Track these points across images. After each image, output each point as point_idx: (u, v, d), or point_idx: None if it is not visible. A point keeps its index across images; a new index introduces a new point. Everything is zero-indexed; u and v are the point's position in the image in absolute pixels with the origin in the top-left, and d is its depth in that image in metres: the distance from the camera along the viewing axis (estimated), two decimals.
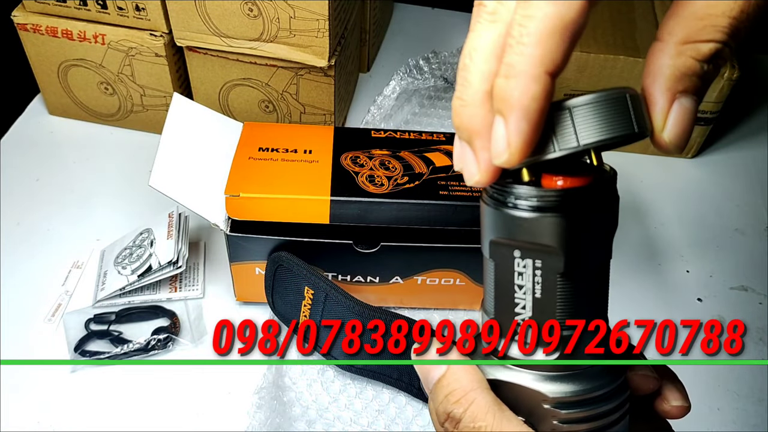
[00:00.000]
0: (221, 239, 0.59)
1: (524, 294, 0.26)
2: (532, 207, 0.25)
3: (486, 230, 0.27)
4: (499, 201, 0.26)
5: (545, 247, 0.25)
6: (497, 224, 0.26)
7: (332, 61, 0.66)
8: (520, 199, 0.25)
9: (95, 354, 0.56)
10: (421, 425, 0.55)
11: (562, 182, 0.25)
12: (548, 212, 0.25)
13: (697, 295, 0.66)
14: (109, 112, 0.76)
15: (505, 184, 0.25)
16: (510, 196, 0.25)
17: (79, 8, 0.67)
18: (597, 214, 0.26)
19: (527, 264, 0.26)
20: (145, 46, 0.68)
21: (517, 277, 0.26)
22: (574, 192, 0.25)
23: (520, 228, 0.25)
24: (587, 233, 0.25)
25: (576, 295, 0.26)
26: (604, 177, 0.26)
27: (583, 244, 0.25)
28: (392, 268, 0.58)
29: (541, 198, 0.25)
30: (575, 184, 0.25)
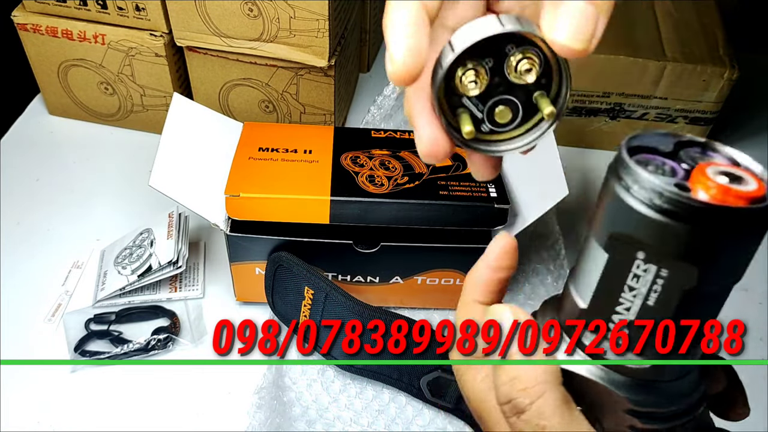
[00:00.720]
0: (221, 239, 0.59)
1: (634, 297, 0.24)
2: (681, 216, 0.22)
3: (606, 217, 0.24)
4: (639, 197, 0.22)
5: (681, 259, 0.22)
6: (626, 218, 0.23)
7: (332, 61, 0.66)
8: (667, 203, 0.22)
9: (95, 354, 0.56)
10: (421, 425, 0.55)
11: (723, 194, 0.22)
12: (700, 226, 0.22)
13: None
14: (109, 112, 0.76)
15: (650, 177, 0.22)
16: (654, 195, 0.22)
17: (79, 8, 0.67)
18: (752, 237, 0.23)
19: (649, 269, 0.23)
20: (145, 46, 0.68)
21: (632, 279, 0.24)
22: (736, 212, 0.21)
23: (656, 233, 0.22)
24: (733, 256, 0.23)
25: (692, 311, 0.24)
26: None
27: (724, 266, 0.23)
28: (392, 268, 0.58)
29: (697, 211, 0.21)
30: (739, 202, 0.22)
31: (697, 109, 0.74)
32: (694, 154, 0.24)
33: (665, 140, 0.24)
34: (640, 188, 0.22)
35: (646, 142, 0.24)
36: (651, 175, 0.22)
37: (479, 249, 0.56)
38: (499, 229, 0.55)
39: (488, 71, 0.28)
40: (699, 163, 0.23)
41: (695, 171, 0.23)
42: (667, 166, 0.24)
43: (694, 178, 0.22)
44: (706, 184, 0.22)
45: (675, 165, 0.24)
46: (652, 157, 0.24)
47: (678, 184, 0.22)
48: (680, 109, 0.74)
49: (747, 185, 0.22)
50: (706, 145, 0.24)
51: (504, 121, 0.29)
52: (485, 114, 0.29)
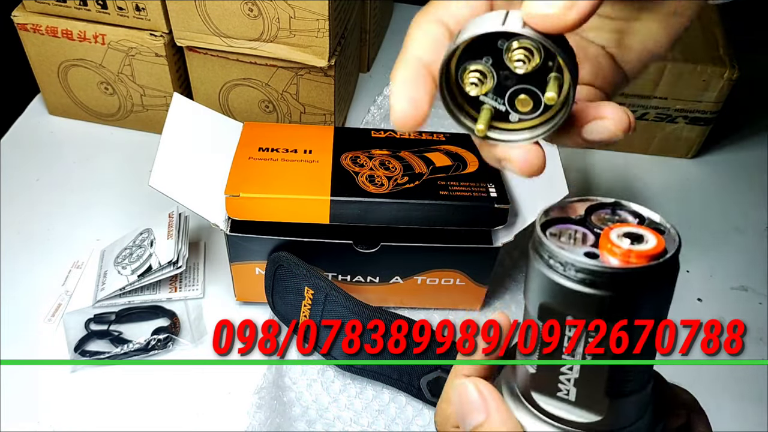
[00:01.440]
0: (221, 239, 0.59)
1: (572, 357, 0.25)
2: (593, 283, 0.23)
3: (535, 291, 0.25)
4: (555, 269, 0.24)
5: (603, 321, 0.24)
6: (550, 290, 0.25)
7: (332, 61, 0.66)
8: (579, 272, 0.23)
9: (95, 354, 0.56)
10: (421, 425, 0.55)
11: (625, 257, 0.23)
12: (610, 291, 0.23)
13: (697, 295, 0.66)
14: (109, 112, 0.76)
15: (561, 251, 0.24)
16: (570, 268, 0.24)
17: (79, 8, 0.67)
18: (660, 289, 0.24)
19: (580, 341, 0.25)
20: (145, 46, 0.68)
21: (567, 341, 0.25)
22: (640, 272, 0.23)
23: (577, 301, 0.24)
24: (649, 308, 0.24)
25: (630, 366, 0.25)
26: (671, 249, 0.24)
27: (644, 316, 0.24)
28: (392, 268, 0.58)
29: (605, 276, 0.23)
30: (640, 261, 0.23)
31: (697, 109, 0.74)
32: (604, 215, 0.26)
33: (577, 207, 0.26)
34: (555, 261, 0.24)
35: (560, 213, 0.26)
36: (562, 249, 0.24)
37: (479, 249, 0.56)
38: (499, 229, 0.55)
39: (491, 68, 0.28)
40: (604, 228, 0.25)
41: (602, 237, 0.24)
42: (579, 234, 0.25)
43: (602, 244, 0.24)
44: (611, 250, 0.24)
45: (586, 231, 0.25)
46: (566, 226, 0.26)
47: (587, 253, 0.24)
48: (680, 109, 0.74)
49: (647, 244, 0.24)
50: (615, 205, 0.26)
51: (526, 109, 0.29)
52: (508, 105, 0.29)
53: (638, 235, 0.24)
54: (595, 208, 0.26)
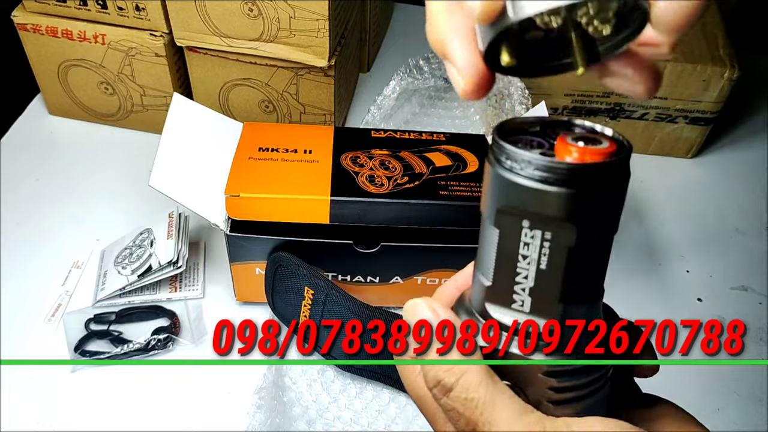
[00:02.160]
0: (221, 239, 0.59)
1: (528, 264, 0.26)
2: (550, 180, 0.24)
3: (491, 196, 0.26)
4: (512, 169, 0.25)
5: (558, 221, 0.25)
6: (507, 192, 0.25)
7: (332, 61, 0.66)
8: (537, 170, 0.24)
9: (95, 354, 0.56)
10: (421, 425, 0.55)
11: (581, 154, 0.24)
12: (567, 187, 0.24)
13: (697, 295, 0.66)
14: (109, 112, 0.76)
15: (519, 151, 0.25)
16: (526, 166, 0.24)
17: (79, 8, 0.67)
18: (614, 190, 0.25)
19: (535, 235, 0.25)
20: (145, 46, 0.68)
21: (523, 248, 0.26)
22: (594, 167, 0.24)
23: (533, 200, 0.25)
24: (602, 209, 0.25)
25: (581, 268, 0.26)
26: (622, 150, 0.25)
27: (597, 219, 0.25)
28: (392, 268, 0.58)
29: (561, 171, 0.24)
30: (595, 158, 0.24)
31: (697, 109, 0.74)
32: (559, 130, 0.27)
33: (532, 123, 0.28)
34: (513, 162, 0.25)
35: (515, 125, 0.27)
36: (520, 150, 0.25)
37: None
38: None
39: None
40: (560, 135, 0.26)
41: (558, 141, 0.25)
42: (534, 142, 0.27)
43: (558, 148, 0.25)
44: (568, 149, 0.25)
45: (542, 140, 0.27)
46: (522, 136, 0.27)
47: (544, 153, 0.25)
48: (680, 109, 0.74)
49: (601, 144, 0.25)
50: (568, 122, 0.28)
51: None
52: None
53: (592, 138, 0.25)
54: (550, 124, 0.28)
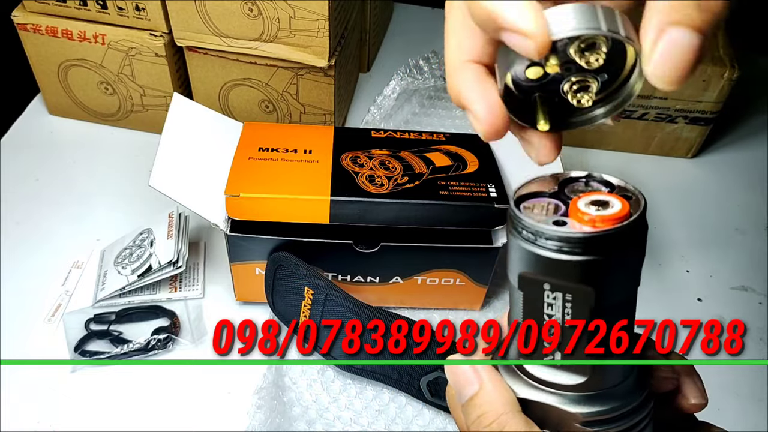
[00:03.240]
0: (221, 239, 0.59)
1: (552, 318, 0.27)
2: (564, 249, 0.25)
3: (514, 263, 0.27)
4: (528, 239, 0.26)
5: (577, 285, 0.25)
6: (526, 260, 0.26)
7: (332, 61, 0.66)
8: (550, 240, 0.25)
9: (95, 354, 0.56)
10: (421, 425, 0.55)
11: (593, 223, 0.25)
12: (580, 255, 0.24)
13: (697, 295, 0.66)
14: (109, 112, 0.76)
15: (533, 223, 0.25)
16: (540, 237, 0.25)
17: (79, 8, 0.67)
18: (630, 249, 0.25)
19: (557, 296, 0.26)
20: (145, 46, 0.68)
21: (547, 308, 0.26)
22: (605, 235, 0.24)
23: (550, 268, 0.25)
24: (619, 270, 0.25)
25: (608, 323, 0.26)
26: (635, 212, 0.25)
27: (615, 280, 0.25)
28: (392, 268, 0.58)
29: (572, 241, 0.24)
30: (607, 224, 0.25)
31: (697, 109, 0.74)
32: (578, 187, 0.28)
33: (549, 181, 0.28)
34: (527, 232, 0.25)
35: (533, 188, 0.28)
36: (532, 220, 0.25)
37: (479, 249, 0.56)
38: (499, 229, 0.55)
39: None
40: (573, 198, 0.26)
41: (570, 206, 0.26)
42: (551, 205, 0.27)
43: (571, 213, 0.26)
44: (579, 217, 0.25)
45: (558, 202, 0.27)
46: (539, 200, 0.27)
47: (558, 222, 0.25)
48: (680, 109, 0.74)
49: (612, 208, 0.25)
50: (588, 177, 0.28)
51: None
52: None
53: (604, 201, 0.25)
54: (568, 181, 0.28)
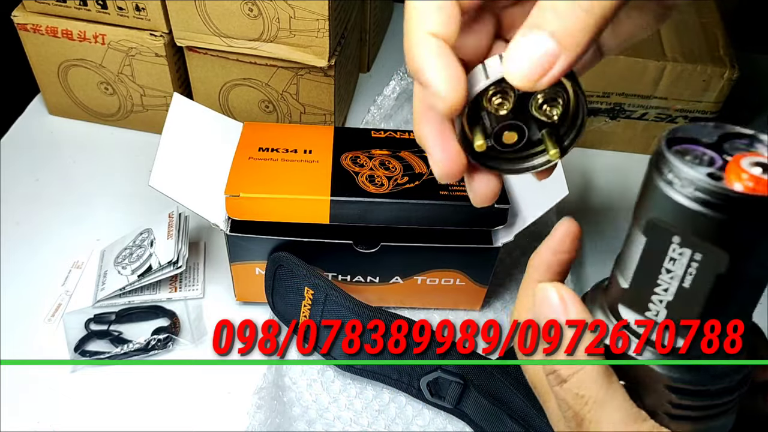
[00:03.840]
0: (221, 239, 0.59)
1: (671, 279, 0.25)
2: (709, 203, 0.22)
3: (645, 204, 0.25)
4: (670, 182, 0.23)
5: (711, 245, 0.23)
6: (662, 205, 0.24)
7: (332, 61, 0.66)
8: (697, 191, 0.23)
9: (95, 354, 0.56)
10: (421, 425, 0.55)
11: (755, 184, 0.22)
12: (727, 214, 0.22)
13: None
14: (109, 112, 0.76)
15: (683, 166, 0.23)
16: (687, 183, 0.23)
17: (79, 8, 0.67)
18: None
19: (684, 253, 0.24)
20: (145, 46, 0.68)
21: (668, 262, 0.24)
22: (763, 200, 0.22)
23: (688, 219, 0.23)
24: (763, 242, 0.23)
25: (728, 296, 0.25)
26: None
27: (756, 251, 0.23)
28: (392, 268, 0.58)
29: (724, 198, 0.22)
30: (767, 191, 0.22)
31: (697, 109, 0.74)
32: (740, 145, 0.25)
33: (710, 131, 0.25)
34: (674, 177, 0.23)
35: (689, 134, 0.25)
36: (685, 165, 0.23)
37: (479, 249, 0.56)
38: (499, 229, 0.55)
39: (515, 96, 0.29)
40: (735, 155, 0.24)
41: (731, 162, 0.23)
42: (706, 157, 0.24)
43: (729, 169, 0.23)
44: (739, 175, 0.23)
45: (715, 155, 0.24)
46: (693, 147, 0.25)
47: (711, 174, 0.23)
48: (680, 109, 0.74)
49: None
50: (753, 137, 0.25)
51: (509, 142, 0.31)
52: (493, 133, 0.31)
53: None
54: (729, 136, 0.25)
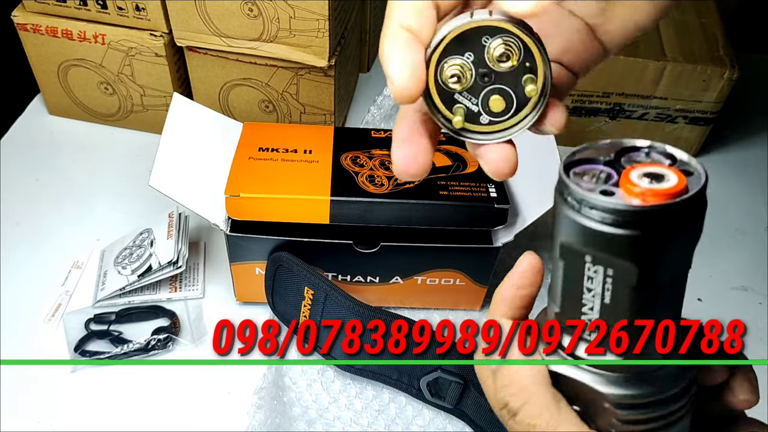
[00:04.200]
0: (221, 239, 0.59)
1: (593, 297, 0.25)
2: (609, 221, 0.23)
3: (557, 230, 0.25)
4: (573, 207, 0.24)
5: (619, 260, 0.24)
6: (569, 229, 0.24)
7: (332, 61, 0.66)
8: (596, 210, 0.23)
9: (95, 354, 0.56)
10: (421, 425, 0.55)
11: (644, 195, 0.23)
12: (624, 229, 0.23)
13: (697, 295, 0.66)
14: (109, 112, 0.76)
15: (578, 189, 0.24)
16: (585, 205, 0.23)
17: (79, 8, 0.67)
18: (681, 228, 0.23)
19: (598, 270, 0.24)
20: (145, 46, 0.68)
21: (587, 281, 0.25)
22: (654, 210, 0.22)
23: (594, 238, 0.24)
24: (667, 249, 0.24)
25: (647, 306, 0.25)
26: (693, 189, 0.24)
27: (661, 260, 0.24)
28: (392, 268, 0.58)
29: (617, 213, 0.23)
30: (659, 199, 0.23)
31: (697, 109, 0.74)
32: (636, 157, 0.26)
33: (607, 148, 0.26)
34: (572, 199, 0.24)
35: (586, 154, 0.26)
36: (578, 186, 0.24)
37: (479, 249, 0.56)
38: (499, 229, 0.55)
39: (471, 64, 0.28)
40: (626, 168, 0.24)
41: (623, 176, 0.24)
42: (603, 174, 0.25)
43: (621, 183, 0.24)
44: (629, 188, 0.23)
45: (612, 171, 0.25)
46: (591, 167, 0.25)
47: (604, 191, 0.24)
48: (680, 109, 0.74)
49: (667, 182, 0.23)
50: (650, 147, 0.26)
51: (499, 110, 0.30)
52: (481, 107, 0.30)
53: (659, 174, 0.23)
54: (627, 150, 0.26)
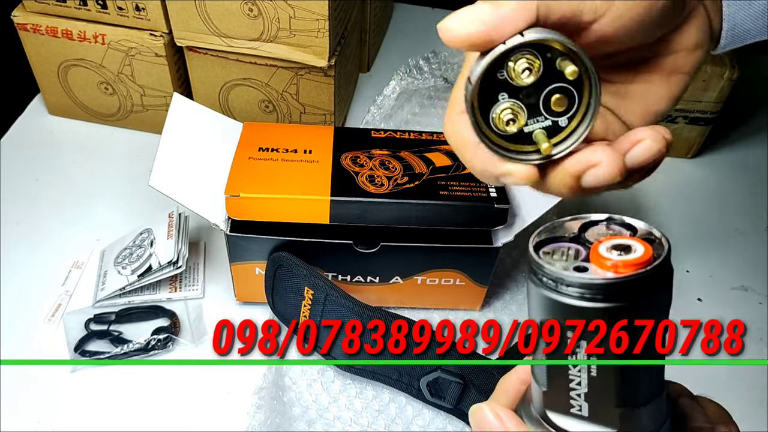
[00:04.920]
0: (221, 239, 0.59)
1: (579, 372, 0.26)
2: (585, 296, 0.24)
3: (534, 310, 0.26)
4: (549, 286, 0.25)
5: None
6: (545, 307, 0.25)
7: (332, 61, 0.66)
8: (573, 287, 0.24)
9: (95, 354, 0.56)
10: (421, 425, 0.55)
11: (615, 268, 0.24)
12: (602, 302, 0.24)
13: (697, 295, 0.66)
14: (109, 112, 0.76)
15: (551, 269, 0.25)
16: (561, 283, 0.24)
17: (79, 8, 0.68)
18: (654, 295, 0.25)
19: (581, 344, 0.25)
20: (145, 46, 0.68)
21: (572, 356, 0.26)
22: (629, 281, 0.24)
23: (572, 314, 0.24)
24: (646, 312, 0.25)
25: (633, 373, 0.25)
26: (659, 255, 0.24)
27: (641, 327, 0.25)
28: (392, 268, 0.58)
29: (595, 288, 0.24)
30: (629, 270, 0.24)
31: (697, 109, 0.74)
32: (598, 230, 0.27)
33: (569, 225, 0.27)
34: (548, 279, 0.25)
35: (552, 233, 0.27)
36: (551, 265, 0.25)
37: (479, 249, 0.56)
38: (499, 229, 0.55)
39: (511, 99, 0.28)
40: (593, 243, 0.25)
41: (591, 251, 0.25)
42: (571, 251, 0.26)
43: (592, 258, 0.25)
44: (601, 262, 0.24)
45: (579, 247, 0.26)
46: (558, 245, 0.26)
47: (579, 267, 0.24)
48: (680, 109, 0.74)
49: (635, 253, 0.24)
50: (608, 220, 0.27)
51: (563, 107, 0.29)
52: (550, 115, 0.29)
53: (626, 246, 0.25)
54: (588, 225, 0.27)
